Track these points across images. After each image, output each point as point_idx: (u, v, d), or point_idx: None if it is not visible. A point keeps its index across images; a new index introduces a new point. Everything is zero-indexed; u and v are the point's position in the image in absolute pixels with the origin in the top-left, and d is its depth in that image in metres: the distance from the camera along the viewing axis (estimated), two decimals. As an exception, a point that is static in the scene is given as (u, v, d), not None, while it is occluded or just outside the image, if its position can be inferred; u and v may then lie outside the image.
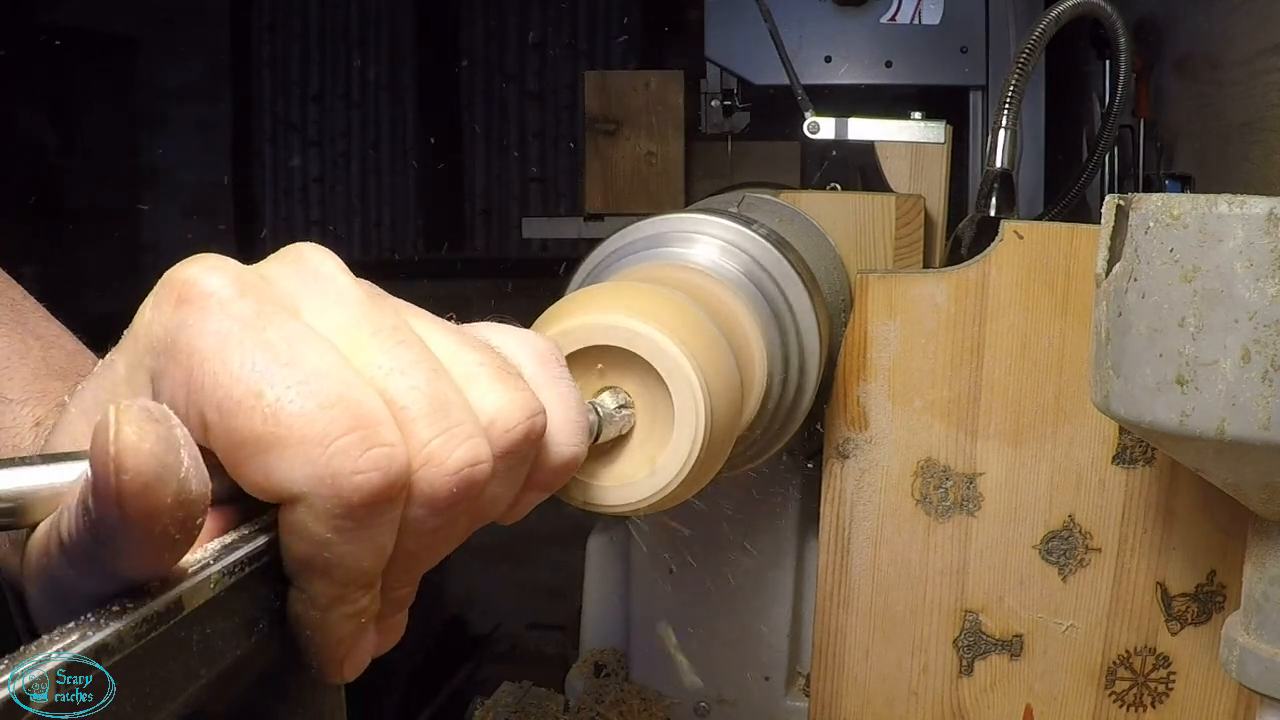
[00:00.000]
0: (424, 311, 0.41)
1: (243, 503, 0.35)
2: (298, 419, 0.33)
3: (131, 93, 3.28)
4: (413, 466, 0.35)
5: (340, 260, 0.39)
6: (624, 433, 0.54)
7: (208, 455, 0.33)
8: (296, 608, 0.36)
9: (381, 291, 0.39)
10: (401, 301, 0.40)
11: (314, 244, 0.39)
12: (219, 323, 0.34)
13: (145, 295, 0.36)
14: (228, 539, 0.34)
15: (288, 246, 0.39)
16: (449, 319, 0.41)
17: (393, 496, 0.34)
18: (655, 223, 0.75)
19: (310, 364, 0.34)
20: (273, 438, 0.33)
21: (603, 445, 0.53)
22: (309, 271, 0.38)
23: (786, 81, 1.23)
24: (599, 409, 0.51)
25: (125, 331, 0.37)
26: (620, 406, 0.54)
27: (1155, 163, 1.55)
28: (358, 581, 0.36)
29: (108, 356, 0.37)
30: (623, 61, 3.28)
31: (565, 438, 0.42)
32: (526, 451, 0.39)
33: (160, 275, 0.36)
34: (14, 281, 0.58)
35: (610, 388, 0.54)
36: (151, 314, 0.35)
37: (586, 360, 0.54)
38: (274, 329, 0.34)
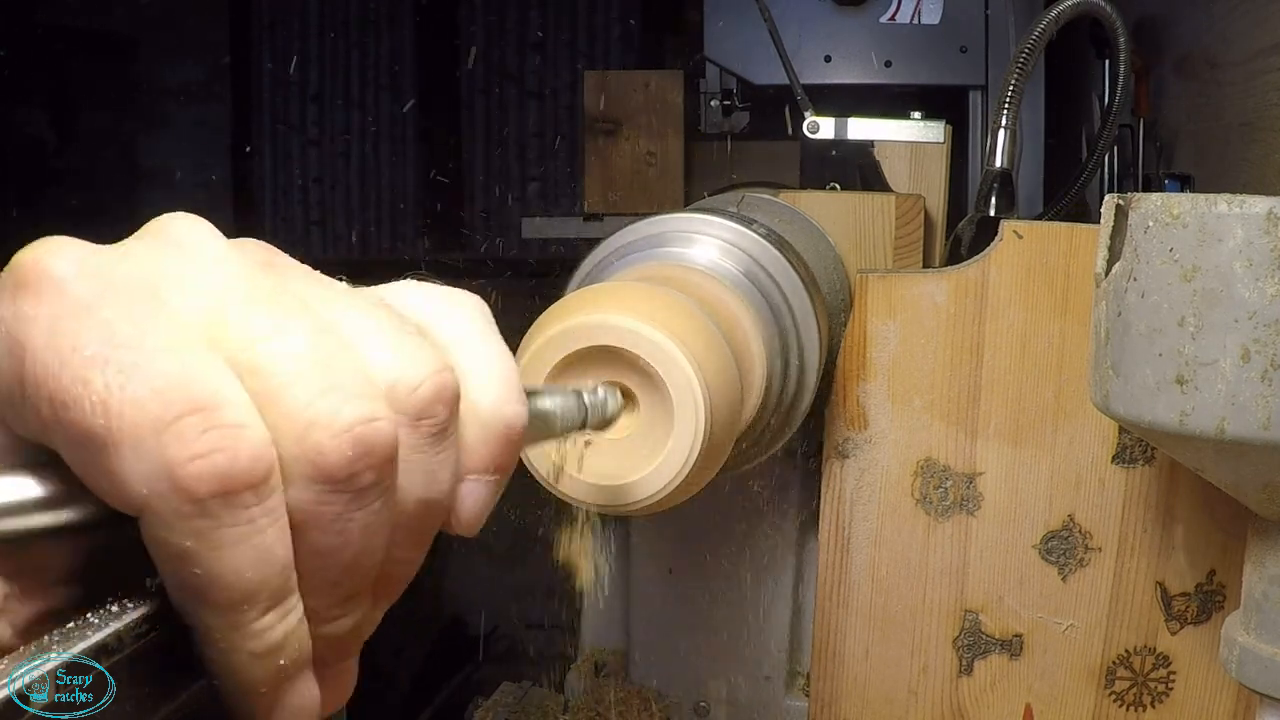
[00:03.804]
0: (315, 272, 0.36)
1: None
2: (128, 406, 0.28)
3: (131, 92, 3.28)
4: (291, 437, 0.30)
5: (214, 228, 0.35)
6: (610, 419, 0.52)
7: (68, 469, 0.29)
8: (198, 650, 0.31)
9: (268, 258, 0.35)
10: (291, 263, 0.36)
11: (184, 214, 0.35)
12: (52, 307, 0.30)
13: None
14: None
15: (153, 219, 0.35)
16: (339, 279, 0.36)
17: (252, 482, 0.29)
18: (654, 222, 0.75)
19: (149, 343, 0.29)
20: (104, 430, 0.28)
21: (602, 445, 0.53)
22: (171, 243, 0.34)
23: (786, 81, 1.23)
24: (584, 397, 0.50)
25: None
26: (607, 395, 0.52)
27: (1155, 162, 1.55)
28: (246, 601, 0.30)
29: None
30: (622, 61, 3.28)
31: (496, 396, 0.36)
32: (442, 416, 0.34)
33: None
34: None
35: (603, 382, 0.54)
36: None
37: (587, 360, 0.54)
38: (112, 308, 0.30)
